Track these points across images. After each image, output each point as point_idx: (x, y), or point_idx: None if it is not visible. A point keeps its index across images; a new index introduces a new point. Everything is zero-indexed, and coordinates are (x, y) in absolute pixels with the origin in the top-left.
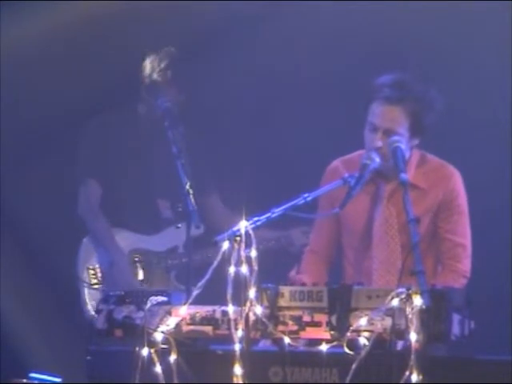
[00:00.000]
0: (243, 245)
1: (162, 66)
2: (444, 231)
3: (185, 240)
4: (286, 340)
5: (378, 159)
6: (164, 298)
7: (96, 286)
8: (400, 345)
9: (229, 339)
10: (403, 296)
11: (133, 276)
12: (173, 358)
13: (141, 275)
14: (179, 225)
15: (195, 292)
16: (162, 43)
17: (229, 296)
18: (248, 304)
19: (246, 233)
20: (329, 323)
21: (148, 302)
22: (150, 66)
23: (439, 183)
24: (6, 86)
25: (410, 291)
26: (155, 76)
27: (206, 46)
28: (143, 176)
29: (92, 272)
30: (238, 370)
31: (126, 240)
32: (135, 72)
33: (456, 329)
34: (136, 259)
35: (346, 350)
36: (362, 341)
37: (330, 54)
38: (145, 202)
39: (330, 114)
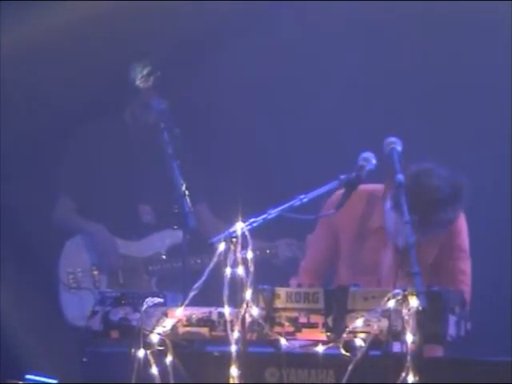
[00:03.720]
0: (239, 246)
1: (145, 72)
2: (445, 265)
3: (168, 246)
4: (283, 341)
5: (374, 161)
6: (160, 300)
7: (74, 290)
8: (396, 346)
9: (225, 340)
10: (399, 297)
11: (116, 244)
12: (169, 359)
13: (121, 280)
14: (175, 226)
15: (191, 293)
16: (152, 47)
17: (225, 297)
18: (244, 305)
19: (242, 234)
20: (325, 324)
21: (144, 303)
22: (133, 72)
23: None
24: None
25: (406, 292)
26: (138, 82)
27: (197, 49)
28: (124, 182)
29: (72, 276)
30: (234, 371)
31: None
32: (122, 79)
33: (452, 330)
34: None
35: (343, 351)
36: (359, 342)
37: (326, 54)
38: (126, 208)
39: (326, 114)
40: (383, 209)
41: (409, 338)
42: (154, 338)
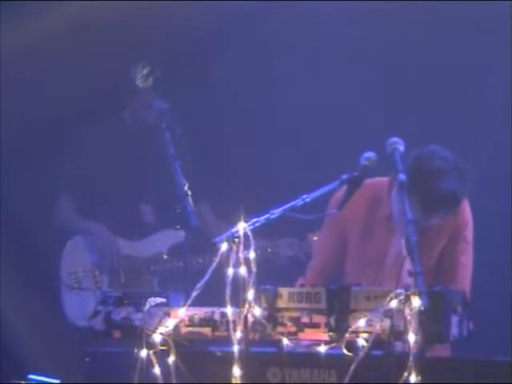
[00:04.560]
0: (242, 246)
1: (144, 72)
2: (448, 258)
3: (170, 246)
4: (285, 341)
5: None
6: (163, 300)
7: (75, 290)
8: (398, 346)
9: (227, 341)
10: (402, 297)
11: (117, 244)
12: (171, 359)
13: (123, 280)
14: (178, 226)
15: (194, 293)
16: (153, 47)
17: (227, 297)
18: (246, 305)
19: (245, 234)
20: (327, 324)
21: (147, 303)
22: (132, 72)
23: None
24: None
25: (409, 292)
26: (137, 82)
27: (198, 48)
28: (125, 182)
29: (73, 276)
30: (236, 371)
31: None
32: (121, 79)
33: (454, 330)
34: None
35: (345, 351)
36: (361, 342)
37: (327, 54)
38: (127, 208)
39: (328, 114)
40: (389, 198)
41: (411, 337)
42: (157, 337)
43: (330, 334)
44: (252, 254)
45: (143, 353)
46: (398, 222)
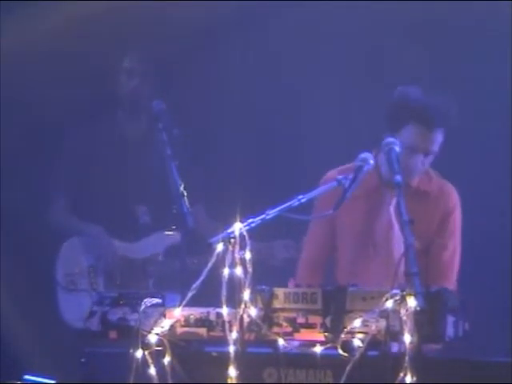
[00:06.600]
0: (237, 247)
1: (138, 72)
2: (436, 245)
3: (166, 247)
4: (281, 342)
5: (371, 161)
6: (158, 300)
7: (72, 292)
8: (394, 346)
9: (223, 341)
10: (397, 298)
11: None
12: (167, 359)
13: (118, 281)
14: (173, 226)
15: (190, 294)
16: (150, 46)
17: (223, 298)
18: (242, 306)
19: (241, 235)
20: (323, 325)
21: (142, 303)
22: (126, 71)
23: (443, 195)
24: None
25: (405, 293)
26: (132, 81)
27: (196, 48)
28: (121, 183)
29: (69, 277)
30: (232, 371)
31: None
32: (116, 79)
33: (450, 330)
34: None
35: (341, 351)
36: (357, 342)
37: (325, 54)
38: (123, 209)
39: (324, 114)
40: (377, 169)
41: (407, 338)
42: (152, 338)
43: (326, 334)
44: (248, 255)
45: (139, 353)
46: (388, 184)
